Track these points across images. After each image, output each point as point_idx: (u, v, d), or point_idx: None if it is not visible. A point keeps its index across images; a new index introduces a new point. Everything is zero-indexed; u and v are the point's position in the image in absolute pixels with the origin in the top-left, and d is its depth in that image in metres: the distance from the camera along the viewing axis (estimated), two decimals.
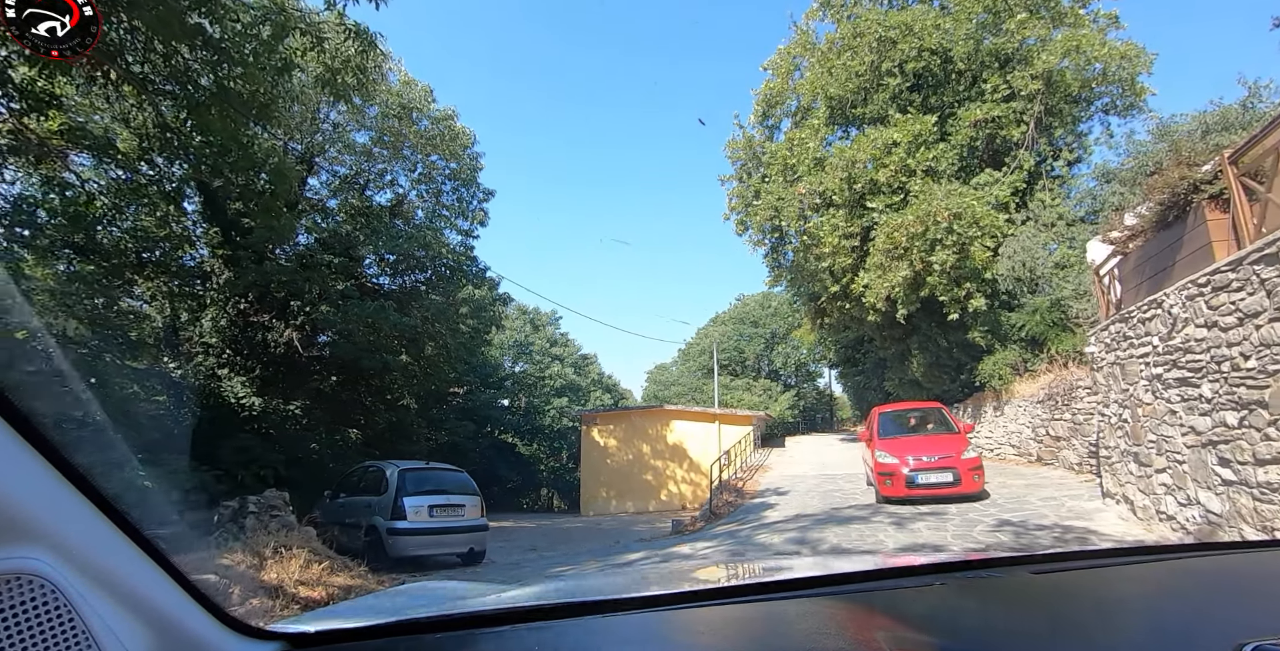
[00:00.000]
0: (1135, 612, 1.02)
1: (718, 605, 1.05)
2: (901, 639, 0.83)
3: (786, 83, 19.05)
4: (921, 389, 18.20)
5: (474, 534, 8.26)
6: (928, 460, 8.46)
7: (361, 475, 9.05)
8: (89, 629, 0.59)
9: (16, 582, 0.54)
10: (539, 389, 30.07)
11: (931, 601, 1.07)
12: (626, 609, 1.00)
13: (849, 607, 1.04)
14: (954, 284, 13.12)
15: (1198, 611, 0.99)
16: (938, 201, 12.98)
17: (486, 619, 0.97)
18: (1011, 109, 14.62)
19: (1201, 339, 5.22)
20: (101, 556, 0.62)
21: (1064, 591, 1.17)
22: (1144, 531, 6.29)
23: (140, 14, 7.33)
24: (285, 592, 4.13)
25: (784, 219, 17.32)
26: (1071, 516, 7.35)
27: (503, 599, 1.17)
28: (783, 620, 0.98)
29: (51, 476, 0.58)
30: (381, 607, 1.24)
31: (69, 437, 1.30)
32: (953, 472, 8.30)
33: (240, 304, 15.13)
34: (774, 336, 34.65)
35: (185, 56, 8.31)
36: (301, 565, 4.50)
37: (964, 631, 0.90)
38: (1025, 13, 14.57)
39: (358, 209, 15.60)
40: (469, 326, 17.07)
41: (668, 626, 0.98)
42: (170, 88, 8.68)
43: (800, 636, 0.90)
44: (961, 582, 1.17)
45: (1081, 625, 0.92)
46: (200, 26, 7.87)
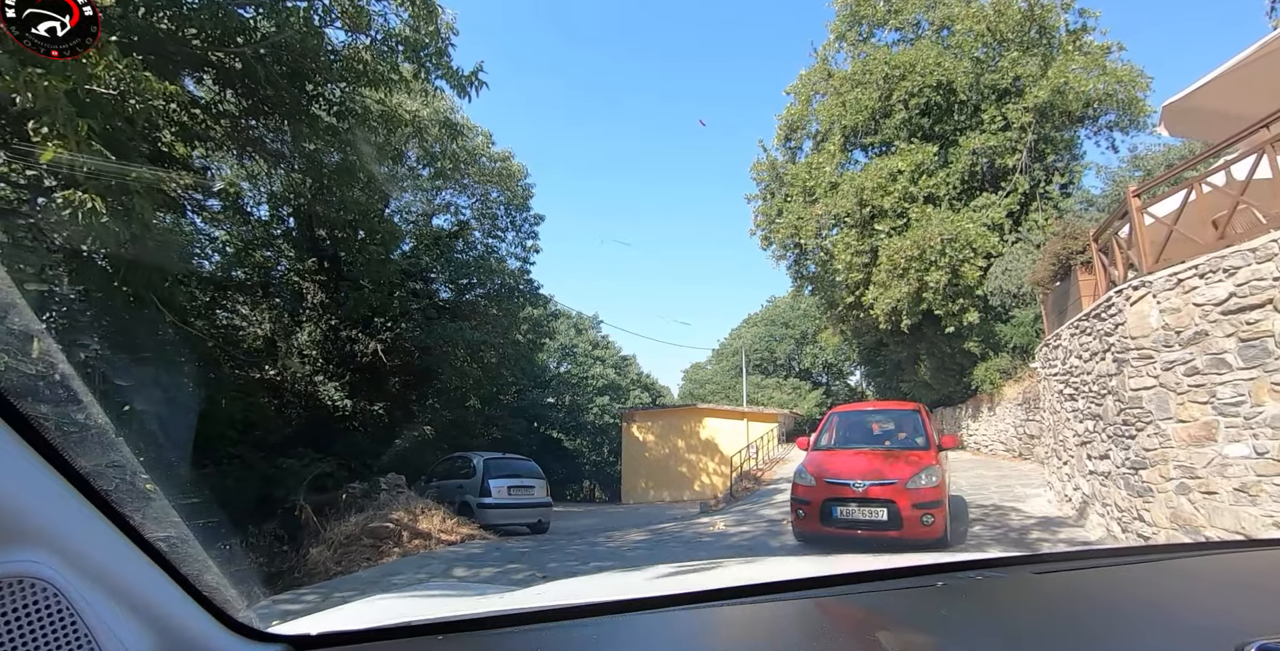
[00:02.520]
0: (1136, 612, 1.01)
1: (718, 606, 1.05)
2: (902, 639, 0.82)
3: (806, 108, 20.80)
4: (931, 390, 19.89)
5: (541, 509, 10.65)
6: (857, 487, 6.06)
7: (451, 463, 11.55)
8: (91, 632, 0.59)
9: (19, 585, 0.54)
10: (583, 388, 32.55)
11: (932, 601, 1.08)
12: (626, 611, 1.02)
13: (849, 607, 1.04)
14: (949, 300, 14.85)
15: (1199, 611, 0.99)
16: (933, 227, 14.73)
17: (486, 622, 0.97)
18: (1007, 138, 16.17)
19: (1077, 366, 7.10)
20: (103, 559, 0.62)
21: (1065, 591, 1.16)
22: (1055, 510, 8.16)
23: (294, 125, 9.93)
24: (434, 537, 6.45)
25: (803, 236, 19.15)
26: (1012, 499, 9.23)
27: (503, 602, 1.17)
28: (783, 620, 0.99)
29: (53, 479, 0.58)
30: (383, 610, 1.25)
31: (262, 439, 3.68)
32: (888, 509, 5.89)
33: (331, 321, 17.92)
34: (804, 337, 36.26)
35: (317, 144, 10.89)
36: (440, 520, 6.83)
37: (964, 631, 0.89)
38: (1017, 51, 16.07)
39: (429, 236, 18.19)
40: (525, 339, 19.55)
41: (668, 628, 0.98)
42: (300, 165, 11.31)
43: (801, 636, 0.91)
44: (962, 583, 1.17)
45: (1082, 625, 0.92)
46: (333, 126, 10.43)
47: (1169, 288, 4.99)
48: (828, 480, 6.33)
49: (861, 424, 7.84)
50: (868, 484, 6.10)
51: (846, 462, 6.58)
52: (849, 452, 6.94)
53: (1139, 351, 5.25)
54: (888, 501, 5.95)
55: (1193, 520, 4.78)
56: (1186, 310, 4.81)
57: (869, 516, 5.97)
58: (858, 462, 6.55)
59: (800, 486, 6.57)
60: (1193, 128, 7.00)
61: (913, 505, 5.87)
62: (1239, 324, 4.38)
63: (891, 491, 6.00)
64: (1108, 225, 6.69)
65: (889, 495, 5.98)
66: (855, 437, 7.49)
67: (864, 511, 6.02)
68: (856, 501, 6.05)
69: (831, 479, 6.32)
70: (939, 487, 6.07)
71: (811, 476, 6.47)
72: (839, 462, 6.63)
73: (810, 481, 6.44)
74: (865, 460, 6.60)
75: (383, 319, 17.52)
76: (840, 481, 6.23)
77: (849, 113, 18.20)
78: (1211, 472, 4.62)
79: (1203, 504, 4.70)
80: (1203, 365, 4.66)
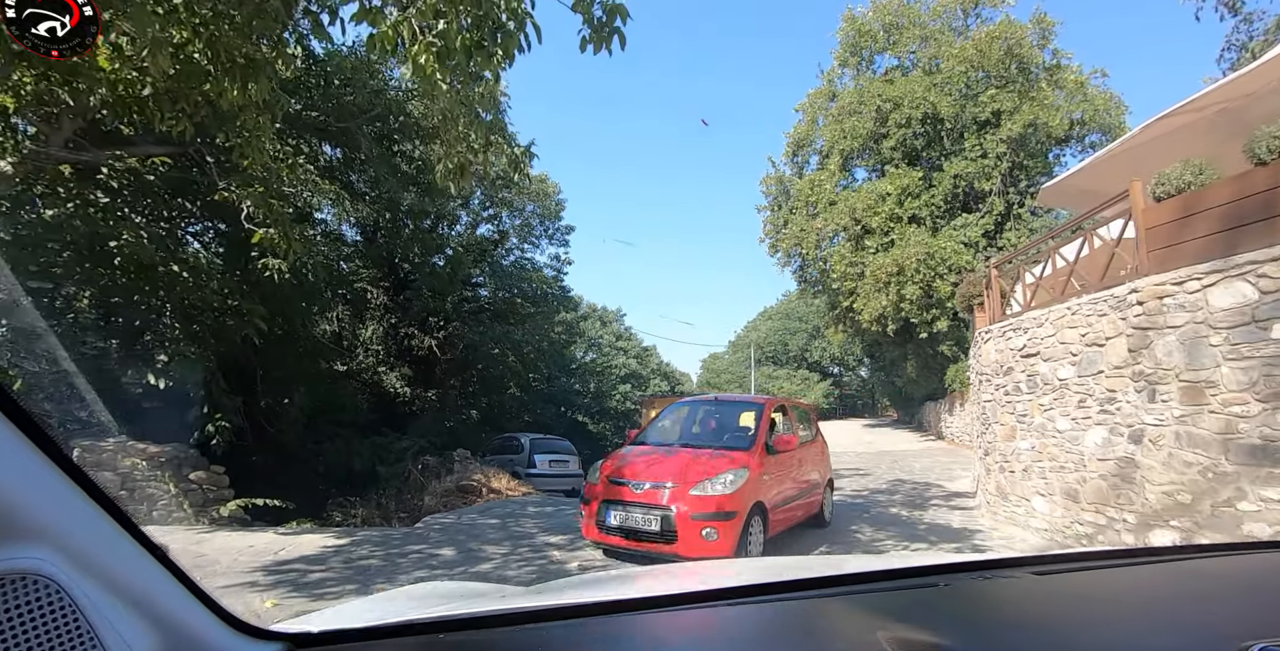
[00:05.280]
0: (1138, 614, 1.02)
1: (720, 606, 1.05)
2: (903, 640, 0.82)
3: (812, 127, 22.92)
4: (919, 386, 22.22)
5: (574, 479, 13.48)
6: (636, 488, 5.22)
7: (504, 442, 14.48)
8: (93, 628, 0.59)
9: (21, 582, 0.55)
10: (606, 376, 35.42)
11: (933, 602, 1.09)
12: (626, 610, 1.02)
13: (850, 608, 1.04)
14: (923, 310, 17.15)
15: (1201, 612, 0.99)
16: (910, 248, 16.99)
17: (486, 620, 0.97)
18: (984, 165, 18.25)
19: (971, 379, 9.54)
20: (105, 556, 0.62)
21: (1067, 592, 1.17)
22: (967, 487, 10.63)
23: (378, 172, 12.69)
24: (503, 492, 9.23)
25: (805, 247, 21.48)
26: (944, 479, 11.71)
27: (504, 601, 1.17)
28: (783, 620, 0.99)
29: (54, 475, 0.58)
30: (385, 608, 1.24)
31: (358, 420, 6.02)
32: (662, 518, 4.99)
33: (391, 320, 20.90)
34: (816, 331, 38.53)
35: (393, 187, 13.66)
36: (506, 481, 9.62)
37: (966, 632, 0.90)
38: (994, 88, 18.09)
39: (476, 247, 21.00)
40: (559, 337, 22.38)
41: (669, 627, 0.99)
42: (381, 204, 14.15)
43: (801, 637, 0.92)
44: (963, 583, 1.18)
45: (1084, 626, 0.93)
46: (409, 174, 13.20)
47: (999, 335, 7.46)
48: (610, 479, 5.42)
49: (694, 418, 6.75)
50: (647, 486, 5.15)
51: (647, 461, 5.55)
52: (661, 450, 5.83)
53: (984, 375, 7.75)
54: (664, 508, 4.96)
55: (1004, 489, 7.32)
56: (1005, 352, 7.28)
57: (643, 525, 5.03)
58: (659, 462, 5.48)
59: (588, 484, 5.76)
60: (1066, 202, 9.29)
61: (691, 515, 4.85)
62: (1026, 365, 6.85)
63: (671, 496, 4.99)
64: (985, 283, 9.10)
65: (667, 500, 4.98)
66: (682, 433, 6.41)
67: (638, 518, 5.06)
68: (634, 506, 5.11)
69: (616, 478, 5.38)
70: (734, 496, 4.97)
71: (599, 474, 5.63)
72: (638, 460, 5.62)
73: (595, 479, 5.63)
74: (672, 460, 5.48)
75: (436, 318, 20.44)
76: (622, 481, 5.30)
77: (847, 138, 20.36)
78: (1013, 459, 7.14)
79: (1009, 479, 7.22)
80: (1010, 389, 7.15)
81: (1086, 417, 5.75)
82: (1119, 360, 5.33)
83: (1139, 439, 5.12)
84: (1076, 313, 5.95)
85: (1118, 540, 5.35)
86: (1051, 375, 6.32)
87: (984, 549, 6.08)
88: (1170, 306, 4.85)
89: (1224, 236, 4.56)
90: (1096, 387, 5.62)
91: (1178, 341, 4.78)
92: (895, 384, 24.91)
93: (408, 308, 18.76)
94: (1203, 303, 4.60)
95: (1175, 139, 7.09)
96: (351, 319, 20.95)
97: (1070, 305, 6.06)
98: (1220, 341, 4.47)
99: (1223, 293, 4.48)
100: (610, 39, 4.62)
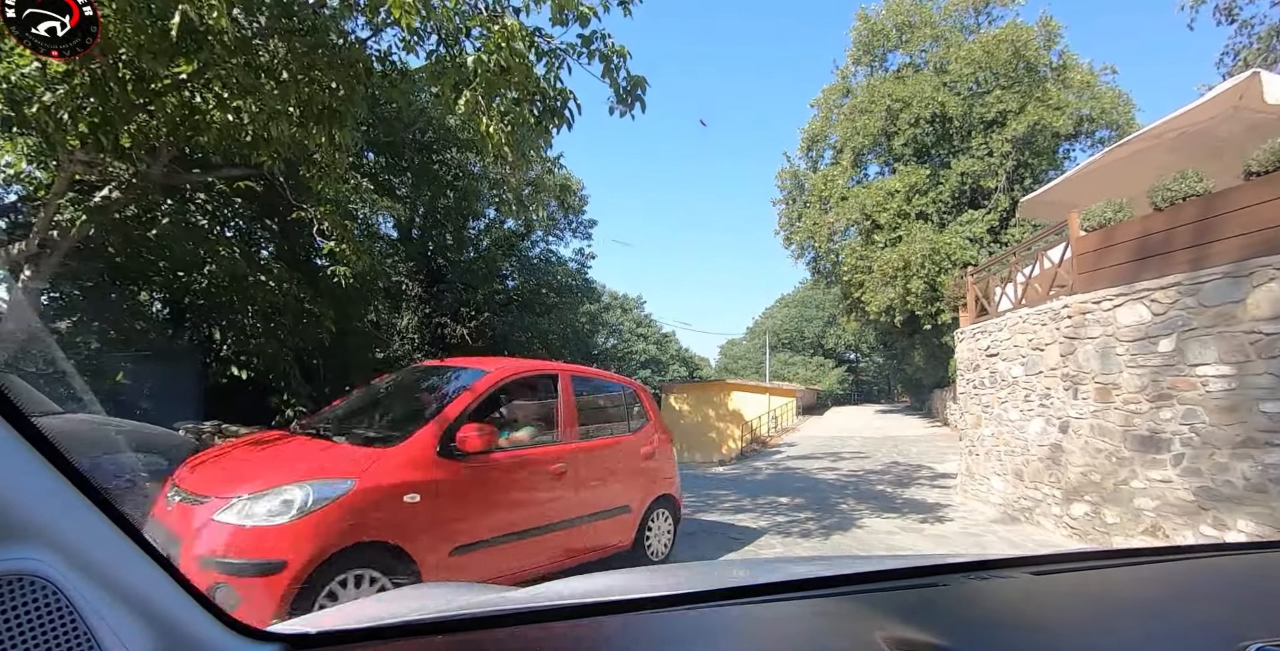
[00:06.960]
0: (1137, 614, 1.02)
1: (718, 606, 1.05)
2: (901, 640, 0.82)
3: (827, 122, 23.62)
4: (927, 374, 23.16)
5: None
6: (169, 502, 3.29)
7: None
8: (90, 629, 0.59)
9: (18, 583, 0.55)
10: (627, 362, 36.73)
11: (932, 602, 1.09)
12: (625, 610, 1.02)
13: (849, 608, 1.05)
14: (928, 303, 18.05)
15: (1201, 612, 1.00)
16: (916, 244, 17.86)
17: (486, 621, 0.97)
18: (990, 164, 18.94)
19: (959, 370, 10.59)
20: (103, 557, 0.62)
21: (1066, 592, 1.18)
22: (955, 469, 11.72)
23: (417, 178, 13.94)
24: None
25: (817, 240, 22.38)
26: (935, 462, 12.82)
27: (504, 601, 1.16)
28: (784, 620, 0.99)
29: (51, 476, 0.58)
30: (383, 609, 1.22)
31: None
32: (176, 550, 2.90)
33: (425, 310, 22.36)
34: (832, 319, 39.37)
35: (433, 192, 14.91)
36: None
37: (964, 632, 0.90)
38: (1000, 89, 18.70)
39: (504, 240, 22.30)
40: (584, 325, 23.66)
41: (668, 628, 0.99)
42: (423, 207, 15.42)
43: (800, 637, 0.92)
44: (962, 583, 1.18)
45: (1083, 626, 0.94)
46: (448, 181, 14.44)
47: (971, 337, 8.52)
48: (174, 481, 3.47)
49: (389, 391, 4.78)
50: (177, 499, 3.21)
51: (246, 454, 3.68)
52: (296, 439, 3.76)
53: (961, 371, 8.83)
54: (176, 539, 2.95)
55: (972, 470, 8.45)
56: (974, 351, 8.35)
57: None
58: (255, 457, 3.59)
59: None
60: (1044, 215, 10.21)
61: (201, 558, 2.80)
62: (989, 363, 7.92)
63: (196, 517, 2.99)
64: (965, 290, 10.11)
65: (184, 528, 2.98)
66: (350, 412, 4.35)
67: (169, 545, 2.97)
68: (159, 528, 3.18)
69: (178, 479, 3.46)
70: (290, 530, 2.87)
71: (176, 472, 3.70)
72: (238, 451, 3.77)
73: None
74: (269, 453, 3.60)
75: (468, 309, 21.86)
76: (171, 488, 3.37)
77: (859, 135, 21.10)
78: (978, 444, 8.25)
79: (975, 461, 8.34)
80: (977, 383, 8.23)
81: (1030, 410, 6.84)
82: (1054, 363, 6.41)
83: (1065, 428, 6.21)
84: (1026, 321, 7.01)
85: (1050, 511, 6.47)
86: (1007, 373, 7.39)
87: (947, 520, 7.24)
88: (1090, 321, 5.91)
89: (1130, 266, 5.60)
90: (1038, 385, 6.70)
91: (1094, 350, 5.85)
92: (906, 371, 25.83)
93: (440, 299, 20.17)
94: (1112, 319, 5.66)
95: (1149, 155, 7.62)
96: (389, 309, 22.51)
97: (1022, 314, 7.12)
98: (1124, 351, 5.53)
99: (1127, 312, 5.53)
100: (633, 105, 5.76)
